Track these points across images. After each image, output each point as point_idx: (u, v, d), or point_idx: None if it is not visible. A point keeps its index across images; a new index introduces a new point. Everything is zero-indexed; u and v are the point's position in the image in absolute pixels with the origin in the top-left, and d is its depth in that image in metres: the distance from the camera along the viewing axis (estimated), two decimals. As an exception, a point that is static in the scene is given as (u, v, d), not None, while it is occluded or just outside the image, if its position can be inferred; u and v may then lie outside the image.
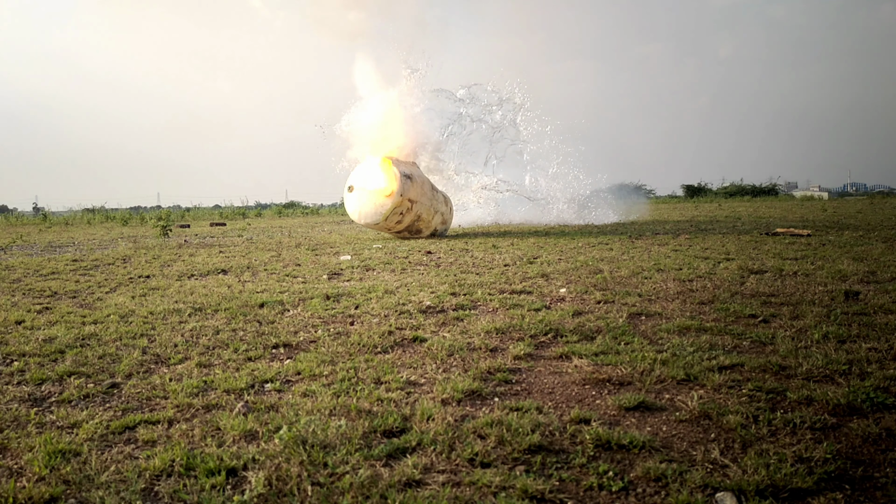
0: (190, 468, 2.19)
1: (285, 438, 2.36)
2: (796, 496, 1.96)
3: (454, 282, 6.16)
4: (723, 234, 11.65)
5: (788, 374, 3.05)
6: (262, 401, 2.84)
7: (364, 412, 2.66)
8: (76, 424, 2.63)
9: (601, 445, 2.33)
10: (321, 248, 10.57)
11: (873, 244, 8.91)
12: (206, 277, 7.11)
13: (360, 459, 2.23)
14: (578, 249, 9.21)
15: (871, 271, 6.15)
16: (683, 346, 3.57)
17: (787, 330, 3.91)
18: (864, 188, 57.25)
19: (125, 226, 22.05)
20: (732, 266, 6.75)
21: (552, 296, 5.33)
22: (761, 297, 4.99)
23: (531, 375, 3.21)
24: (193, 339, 4.06)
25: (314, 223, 22.24)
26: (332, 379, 3.15)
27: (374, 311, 4.79)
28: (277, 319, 4.61)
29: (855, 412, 2.58)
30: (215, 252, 10.19)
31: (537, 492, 2.00)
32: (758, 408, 2.62)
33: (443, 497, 1.97)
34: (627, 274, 6.43)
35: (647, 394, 2.85)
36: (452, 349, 3.63)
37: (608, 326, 4.09)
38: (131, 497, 2.02)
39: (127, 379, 3.26)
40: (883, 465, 2.14)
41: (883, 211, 19.64)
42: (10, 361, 3.60)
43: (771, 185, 44.61)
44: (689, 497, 1.95)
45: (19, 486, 2.08)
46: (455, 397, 2.85)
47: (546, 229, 14.35)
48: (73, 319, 4.73)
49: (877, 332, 3.77)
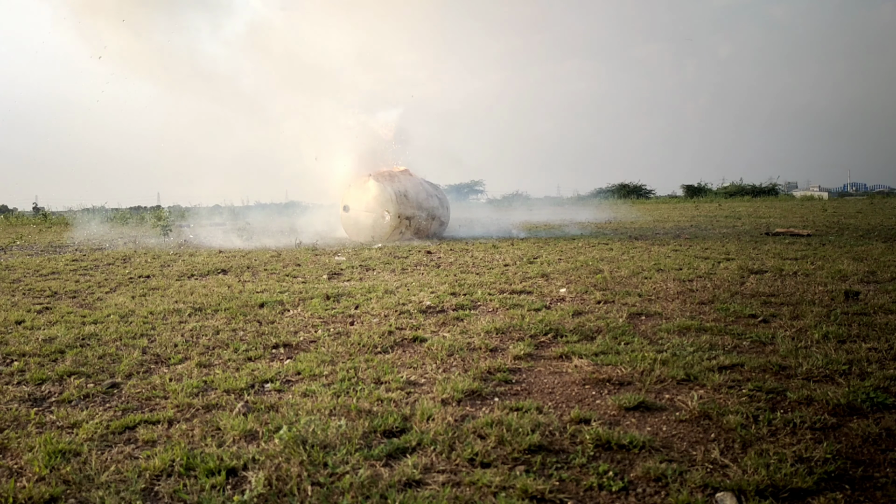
0: (190, 468, 2.19)
1: (285, 438, 2.36)
2: (796, 496, 1.96)
3: (454, 282, 6.16)
4: (723, 234, 11.66)
5: (788, 374, 3.05)
6: (262, 401, 2.84)
7: (364, 412, 2.66)
8: (76, 424, 2.63)
9: (601, 445, 2.33)
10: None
11: (873, 244, 8.91)
12: (206, 277, 7.11)
13: (360, 459, 2.23)
14: (578, 249, 9.21)
15: (871, 271, 6.15)
16: (683, 346, 3.57)
17: (787, 330, 3.90)
18: (864, 188, 57.21)
19: (125, 226, 22.05)
20: (732, 266, 6.75)
21: (552, 296, 5.33)
22: (761, 297, 4.99)
23: (531, 375, 3.21)
24: (193, 339, 4.06)
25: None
26: (332, 379, 3.15)
27: (374, 311, 4.79)
28: (277, 319, 4.61)
29: (855, 412, 2.58)
30: (215, 252, 10.19)
31: (537, 492, 2.00)
32: (758, 408, 2.62)
33: (443, 497, 1.97)
34: (627, 274, 6.43)
35: (647, 394, 2.85)
36: (452, 349, 3.63)
37: (608, 326, 4.09)
38: (131, 497, 2.02)
39: (127, 379, 3.26)
40: (883, 465, 2.14)
41: (883, 211, 19.64)
42: (10, 361, 3.60)
43: (771, 185, 44.59)
44: (689, 497, 1.95)
45: (19, 486, 2.08)
46: (455, 397, 2.84)
47: (545, 229, 14.35)
48: (73, 319, 4.73)
49: (877, 332, 3.77)
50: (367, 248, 10.19)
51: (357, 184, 11.87)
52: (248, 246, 11.25)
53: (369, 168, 12.45)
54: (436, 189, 13.20)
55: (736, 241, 10.00)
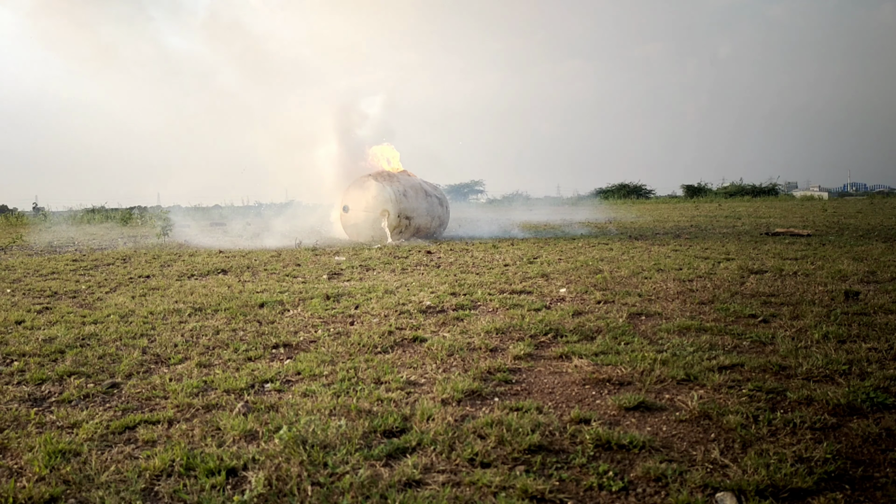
0: (190, 468, 2.19)
1: (285, 438, 2.36)
2: (796, 496, 1.96)
3: (454, 282, 6.16)
4: (723, 234, 11.66)
5: (788, 374, 3.05)
6: (262, 401, 2.84)
7: (364, 412, 2.66)
8: (76, 424, 2.63)
9: (601, 445, 2.33)
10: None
11: (873, 244, 8.91)
12: (206, 277, 7.11)
13: (360, 459, 2.23)
14: (578, 249, 9.21)
15: (871, 271, 6.15)
16: (683, 346, 3.57)
17: (787, 330, 3.91)
18: (864, 188, 57.17)
19: (125, 226, 22.03)
20: (732, 266, 6.75)
21: (552, 296, 5.33)
22: (761, 297, 4.99)
23: (531, 375, 3.21)
24: (193, 339, 4.06)
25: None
26: (332, 379, 3.15)
27: (374, 311, 4.79)
28: (277, 319, 4.61)
29: (855, 412, 2.58)
30: (215, 252, 10.19)
31: (537, 492, 2.00)
32: (758, 408, 2.62)
33: (443, 497, 1.97)
34: (627, 274, 6.43)
35: (647, 394, 2.85)
36: (452, 349, 3.63)
37: (608, 326, 4.09)
38: (131, 497, 2.02)
39: (127, 379, 3.26)
40: (883, 465, 2.14)
41: (883, 211, 19.64)
42: (10, 361, 3.60)
43: (771, 185, 44.56)
44: (689, 497, 1.95)
45: (19, 486, 2.08)
46: (455, 397, 2.84)
47: (545, 229, 14.35)
48: (73, 319, 4.73)
49: (877, 332, 3.77)
50: (367, 248, 10.19)
51: (356, 184, 11.86)
52: (248, 246, 11.25)
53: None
54: (435, 189, 13.19)
55: (736, 241, 10.00)
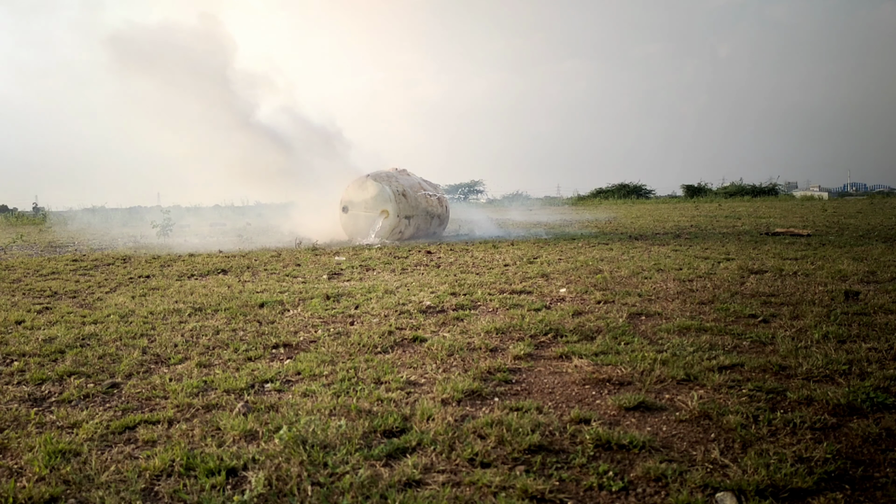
0: (190, 468, 2.19)
1: (285, 438, 2.36)
2: (796, 496, 1.96)
3: (454, 282, 6.16)
4: (723, 234, 11.66)
5: (788, 374, 3.05)
6: (262, 401, 2.84)
7: (364, 412, 2.66)
8: (76, 424, 2.63)
9: (601, 445, 2.33)
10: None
11: (873, 244, 8.91)
12: (206, 277, 7.11)
13: (360, 459, 2.23)
14: (578, 249, 9.22)
15: (871, 271, 6.15)
16: (683, 346, 3.57)
17: (787, 330, 3.91)
18: (864, 188, 57.19)
19: (125, 226, 22.03)
20: (732, 266, 6.75)
21: (552, 296, 5.33)
22: (761, 297, 4.99)
23: (531, 375, 3.21)
24: (193, 339, 4.06)
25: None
26: (332, 379, 3.15)
27: (374, 311, 4.79)
28: (277, 319, 4.61)
29: (855, 412, 2.58)
30: (215, 252, 10.19)
31: (537, 492, 2.00)
32: (758, 408, 2.62)
33: (443, 497, 1.97)
34: (627, 274, 6.43)
35: (647, 394, 2.85)
36: (452, 349, 3.63)
37: (608, 326, 4.09)
38: (131, 497, 2.02)
39: (127, 379, 3.26)
40: (883, 465, 2.14)
41: (883, 211, 19.64)
42: (10, 361, 3.60)
43: (771, 184, 44.53)
44: (689, 497, 1.95)
45: (19, 486, 2.08)
46: (455, 397, 2.85)
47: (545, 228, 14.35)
48: (73, 319, 4.73)
49: (877, 332, 3.77)
50: (367, 248, 10.19)
51: (356, 184, 11.86)
52: (247, 246, 11.25)
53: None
54: (434, 188, 13.19)
55: (736, 241, 10.00)
